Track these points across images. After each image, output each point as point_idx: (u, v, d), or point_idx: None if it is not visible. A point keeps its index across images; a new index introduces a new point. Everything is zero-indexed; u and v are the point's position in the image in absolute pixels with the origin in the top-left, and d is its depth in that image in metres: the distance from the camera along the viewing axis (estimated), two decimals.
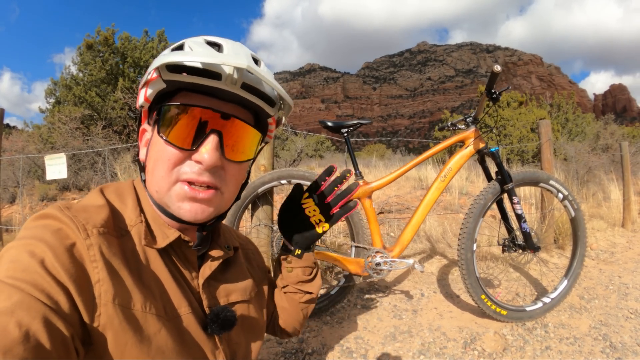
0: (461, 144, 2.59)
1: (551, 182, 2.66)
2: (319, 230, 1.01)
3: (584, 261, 2.81)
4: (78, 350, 0.60)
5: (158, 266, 0.76)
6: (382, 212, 5.70)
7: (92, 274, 0.65)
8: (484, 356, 2.22)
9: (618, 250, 4.56)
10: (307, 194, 1.02)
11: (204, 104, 0.75)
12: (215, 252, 0.88)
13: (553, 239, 4.40)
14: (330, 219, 1.01)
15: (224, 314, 0.81)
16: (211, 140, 0.74)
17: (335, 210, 1.00)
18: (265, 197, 2.77)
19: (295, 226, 1.03)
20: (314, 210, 1.01)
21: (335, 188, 1.00)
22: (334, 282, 2.84)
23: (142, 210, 0.80)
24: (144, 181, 0.82)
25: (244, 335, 0.93)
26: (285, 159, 12.23)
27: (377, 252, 2.44)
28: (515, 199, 2.46)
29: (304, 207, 1.02)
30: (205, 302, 0.82)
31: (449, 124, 2.71)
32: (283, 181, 2.60)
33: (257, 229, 2.79)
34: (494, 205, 2.61)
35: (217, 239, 0.92)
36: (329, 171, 1.01)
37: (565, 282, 2.77)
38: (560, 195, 2.70)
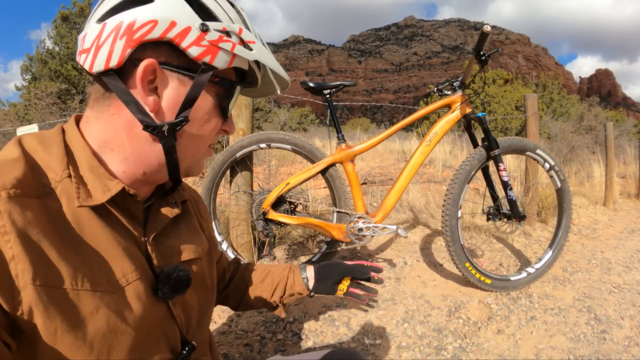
0: (447, 108, 2.51)
1: (538, 151, 2.60)
2: (338, 293, 1.18)
3: (568, 233, 2.78)
4: (8, 344, 0.52)
5: (95, 228, 0.64)
6: (365, 183, 5.63)
7: (5, 250, 0.53)
8: (468, 324, 2.18)
9: (600, 227, 4.59)
10: (350, 278, 1.19)
11: None
12: (164, 206, 0.81)
13: (536, 212, 4.39)
14: (346, 293, 1.18)
15: (176, 274, 0.72)
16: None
17: (352, 290, 1.18)
18: (244, 163, 2.67)
19: (327, 281, 1.18)
20: (344, 285, 1.18)
21: (364, 282, 1.20)
22: (317, 250, 2.76)
23: (73, 161, 0.66)
24: (174, 143, 0.72)
25: (199, 297, 0.86)
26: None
27: (359, 217, 2.36)
28: (502, 166, 2.39)
29: (342, 282, 1.19)
30: (155, 262, 0.73)
31: (435, 89, 2.62)
32: (262, 145, 2.50)
33: (237, 195, 2.70)
34: (479, 175, 2.55)
35: (169, 191, 0.85)
36: (376, 270, 1.21)
37: (550, 253, 2.73)
38: (547, 165, 2.64)
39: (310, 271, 1.20)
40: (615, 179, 6.19)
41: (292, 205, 2.49)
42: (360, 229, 2.33)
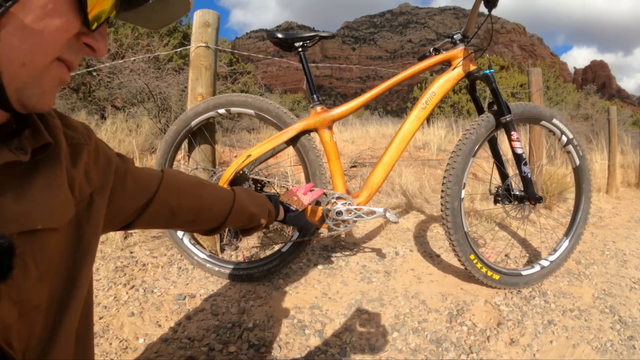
0: (447, 65, 2.06)
1: (555, 120, 2.16)
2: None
3: (587, 219, 2.36)
4: None
5: None
6: (354, 166, 5.22)
7: None
8: (474, 333, 1.73)
9: (606, 215, 4.27)
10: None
11: None
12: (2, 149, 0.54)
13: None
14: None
15: None
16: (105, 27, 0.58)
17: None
18: (201, 134, 2.23)
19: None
20: None
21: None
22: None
23: None
24: None
25: (52, 292, 0.60)
26: None
27: (338, 197, 1.89)
28: (515, 135, 1.95)
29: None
30: None
31: (432, 49, 2.16)
32: (221, 110, 2.05)
33: (195, 173, 2.26)
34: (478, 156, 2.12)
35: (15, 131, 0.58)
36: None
37: (567, 242, 2.30)
38: (564, 139, 2.21)
39: (281, 214, 1.42)
40: (618, 166, 5.99)
41: (258, 184, 2.04)
42: (340, 212, 1.86)
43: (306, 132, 1.95)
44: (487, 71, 1.97)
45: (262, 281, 2.09)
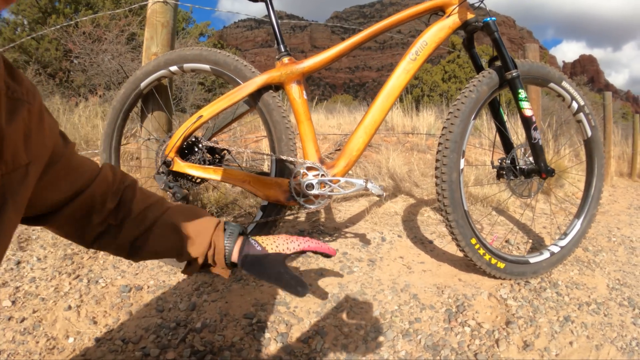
0: (440, 13, 1.73)
1: (564, 84, 1.86)
2: None
3: (600, 198, 2.06)
4: None
5: None
6: (339, 149, 4.89)
7: None
8: (479, 335, 1.39)
9: (605, 203, 4.09)
10: None
11: None
12: None
13: None
14: None
15: None
16: None
17: None
18: (153, 99, 1.92)
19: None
20: None
21: None
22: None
23: None
24: None
25: None
26: None
27: (309, 168, 1.52)
28: (523, 94, 1.62)
29: None
30: None
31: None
32: (173, 67, 1.71)
33: (147, 144, 1.94)
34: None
35: None
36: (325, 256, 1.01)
37: (579, 224, 2.00)
38: (575, 105, 1.90)
39: (235, 254, 0.89)
40: (612, 154, 5.98)
41: (215, 154, 1.69)
42: (310, 186, 1.50)
43: (270, 88, 1.61)
44: (487, 19, 1.65)
45: None
